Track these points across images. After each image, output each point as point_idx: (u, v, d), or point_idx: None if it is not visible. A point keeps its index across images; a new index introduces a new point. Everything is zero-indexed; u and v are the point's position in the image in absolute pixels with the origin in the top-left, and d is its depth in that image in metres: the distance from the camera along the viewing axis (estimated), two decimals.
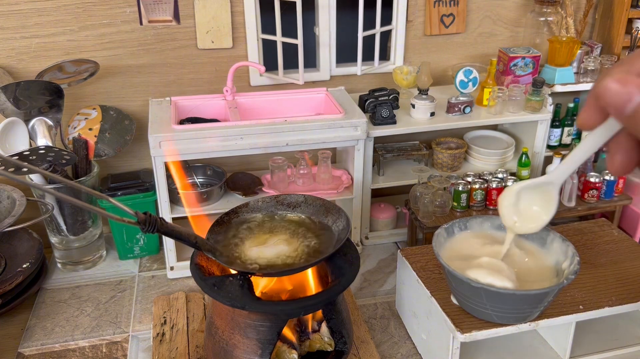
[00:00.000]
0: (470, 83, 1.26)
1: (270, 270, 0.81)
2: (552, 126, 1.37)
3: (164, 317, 1.04)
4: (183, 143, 1.07)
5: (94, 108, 1.22)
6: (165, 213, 1.13)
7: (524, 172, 1.26)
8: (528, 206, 0.65)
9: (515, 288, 0.79)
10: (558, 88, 1.32)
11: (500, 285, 0.78)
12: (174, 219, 1.14)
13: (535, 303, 0.80)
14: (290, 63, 1.29)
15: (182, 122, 1.16)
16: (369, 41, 1.28)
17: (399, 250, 1.01)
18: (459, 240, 0.92)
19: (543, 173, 1.35)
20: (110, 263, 1.25)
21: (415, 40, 1.38)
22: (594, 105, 0.37)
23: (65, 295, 1.14)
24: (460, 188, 1.18)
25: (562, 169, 0.52)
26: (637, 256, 1.01)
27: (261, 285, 0.89)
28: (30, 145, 1.11)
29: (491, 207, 1.20)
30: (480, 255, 0.86)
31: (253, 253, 0.84)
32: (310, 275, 0.92)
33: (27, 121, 1.11)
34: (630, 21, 1.40)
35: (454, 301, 0.87)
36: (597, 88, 0.35)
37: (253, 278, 0.82)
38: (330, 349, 0.89)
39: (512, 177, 1.21)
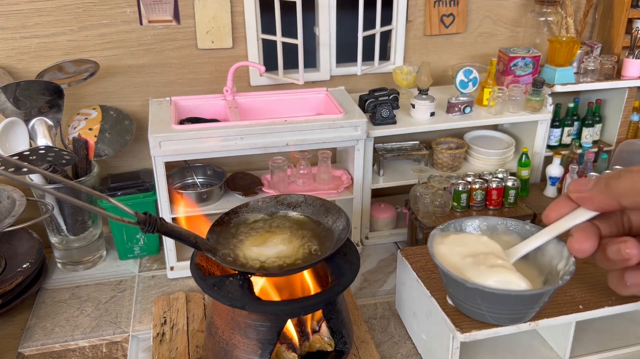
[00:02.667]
0: (470, 83, 1.26)
1: (270, 270, 0.81)
2: (552, 126, 1.37)
3: (164, 317, 1.04)
4: (183, 143, 1.07)
5: (94, 108, 1.22)
6: (165, 213, 1.13)
7: (524, 172, 1.26)
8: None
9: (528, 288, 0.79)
10: (558, 89, 1.32)
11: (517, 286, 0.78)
12: (174, 219, 1.14)
13: (530, 303, 0.80)
14: (290, 63, 1.29)
15: (182, 122, 1.16)
16: (369, 41, 1.28)
17: (399, 250, 1.01)
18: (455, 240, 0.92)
19: (543, 173, 1.35)
20: (110, 263, 1.25)
21: (415, 40, 1.38)
22: (565, 201, 0.46)
23: (65, 295, 1.14)
24: (460, 188, 1.18)
25: (524, 246, 0.56)
26: None
27: (260, 285, 0.89)
28: (30, 145, 1.11)
29: (491, 207, 1.20)
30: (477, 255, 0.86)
31: (253, 253, 0.84)
32: (307, 275, 0.92)
33: (27, 121, 1.11)
34: (630, 21, 1.40)
35: (450, 301, 0.87)
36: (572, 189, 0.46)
37: (253, 278, 0.82)
38: (330, 349, 0.89)
39: (512, 177, 1.21)
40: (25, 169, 0.95)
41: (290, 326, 0.86)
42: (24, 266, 1.09)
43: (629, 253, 0.40)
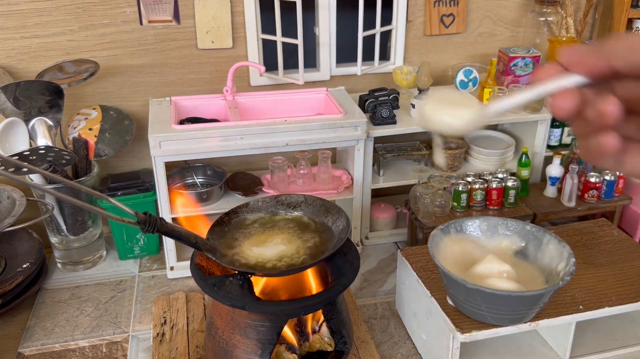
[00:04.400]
0: (470, 83, 1.26)
1: (271, 270, 0.81)
2: (552, 126, 1.36)
3: (164, 317, 1.04)
4: (183, 143, 1.07)
5: (94, 108, 1.22)
6: (165, 213, 1.13)
7: (524, 172, 1.26)
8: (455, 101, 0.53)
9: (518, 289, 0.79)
10: None
11: (506, 287, 0.79)
12: (174, 219, 1.14)
13: (530, 304, 0.80)
14: (290, 63, 1.29)
15: (182, 122, 1.16)
16: (369, 41, 1.28)
17: (399, 250, 1.01)
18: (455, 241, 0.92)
19: (543, 173, 1.35)
20: (110, 263, 1.25)
21: (415, 40, 1.38)
22: (552, 65, 0.40)
23: (65, 295, 1.14)
24: (460, 188, 1.18)
25: (506, 100, 0.45)
26: (637, 256, 1.01)
27: (260, 285, 0.89)
28: (30, 145, 1.11)
29: (491, 207, 1.20)
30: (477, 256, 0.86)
31: (253, 253, 0.84)
32: (307, 275, 0.92)
33: (27, 121, 1.11)
34: (630, 21, 1.40)
35: (450, 302, 0.87)
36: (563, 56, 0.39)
37: (253, 278, 0.82)
38: (330, 349, 0.89)
39: (512, 177, 1.21)
40: (25, 169, 0.95)
41: (287, 330, 0.86)
42: (24, 266, 1.09)
43: (606, 109, 0.37)
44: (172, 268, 1.19)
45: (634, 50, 0.35)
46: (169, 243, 1.16)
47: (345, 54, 1.36)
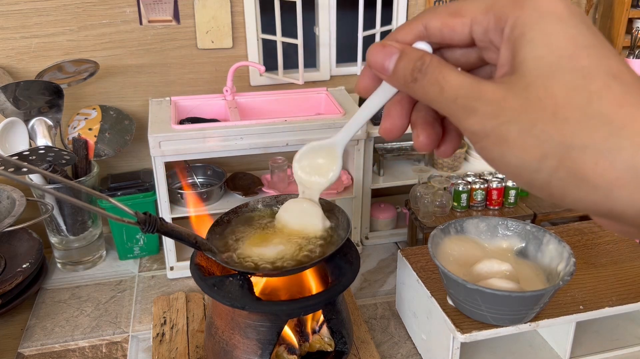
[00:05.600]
0: None
1: (271, 270, 0.81)
2: None
3: (164, 317, 1.04)
4: (183, 143, 1.07)
5: (93, 108, 1.22)
6: (165, 213, 1.13)
7: None
8: (315, 164, 0.64)
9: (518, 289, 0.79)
10: None
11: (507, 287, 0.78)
12: (174, 219, 1.13)
13: (530, 304, 0.80)
14: (290, 63, 1.29)
15: (182, 122, 1.16)
16: (369, 41, 1.28)
17: (399, 250, 1.01)
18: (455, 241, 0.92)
19: None
20: (110, 263, 1.25)
21: None
22: (367, 72, 0.41)
23: (65, 295, 1.14)
24: (460, 188, 1.18)
25: (344, 132, 0.51)
26: (637, 256, 1.01)
27: (260, 285, 0.89)
28: (30, 145, 1.11)
29: (491, 207, 1.20)
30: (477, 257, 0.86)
31: (253, 253, 0.84)
32: (307, 275, 0.92)
33: (26, 121, 1.11)
34: (630, 21, 1.40)
35: (450, 302, 0.87)
36: (367, 54, 0.39)
37: (253, 278, 0.82)
38: (330, 349, 0.89)
39: None
40: (25, 169, 0.95)
41: (287, 330, 0.86)
42: (24, 266, 1.09)
43: (419, 144, 0.41)
44: (172, 268, 1.19)
45: (426, 99, 0.36)
46: (169, 243, 1.16)
47: (345, 54, 1.36)
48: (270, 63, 1.29)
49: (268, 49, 1.30)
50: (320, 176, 0.64)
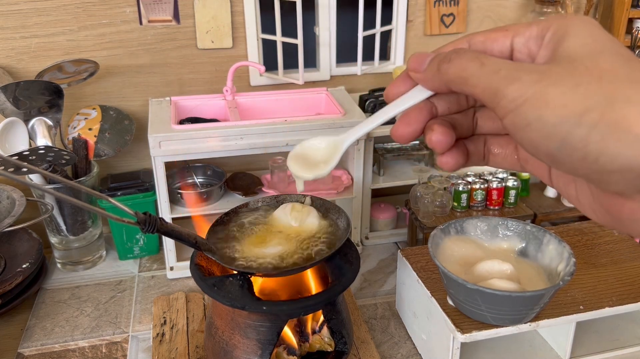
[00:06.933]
0: None
1: (271, 270, 0.81)
2: None
3: (164, 317, 1.04)
4: (183, 143, 1.07)
5: (93, 108, 1.22)
6: (165, 213, 1.12)
7: (525, 172, 1.26)
8: (314, 156, 0.59)
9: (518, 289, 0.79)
10: None
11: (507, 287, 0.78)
12: (174, 219, 1.13)
13: (531, 304, 0.80)
14: (290, 63, 1.29)
15: (182, 122, 1.16)
16: (369, 41, 1.28)
17: (399, 250, 1.01)
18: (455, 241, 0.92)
19: None
20: (110, 263, 1.25)
21: (416, 40, 1.38)
22: (400, 79, 0.42)
23: (65, 295, 1.14)
24: (460, 188, 1.18)
25: (356, 129, 0.47)
26: (637, 256, 1.01)
27: (260, 285, 0.88)
28: (30, 145, 1.11)
29: (491, 207, 1.20)
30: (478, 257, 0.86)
31: (253, 253, 0.84)
32: (308, 275, 0.92)
33: (26, 121, 1.11)
34: (630, 21, 1.40)
35: (450, 302, 0.87)
36: (407, 62, 0.41)
37: (253, 278, 0.82)
38: (330, 349, 0.89)
39: (513, 177, 1.21)
40: (25, 169, 0.95)
41: (286, 330, 0.86)
42: (24, 266, 1.08)
43: (431, 140, 0.40)
44: (172, 268, 1.19)
45: (464, 82, 0.36)
46: (168, 243, 1.16)
47: (345, 54, 1.36)
48: (270, 64, 1.29)
49: (268, 49, 1.30)
50: (318, 168, 0.58)
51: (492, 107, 0.34)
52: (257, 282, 0.87)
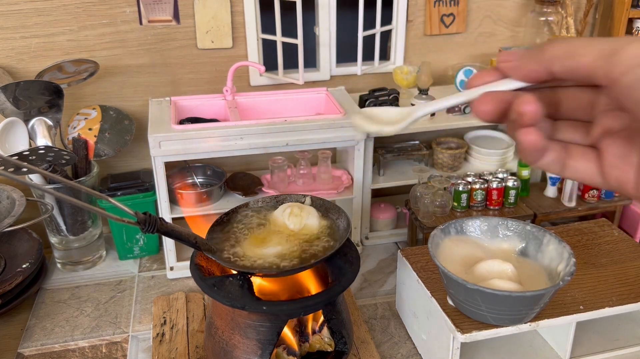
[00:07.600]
0: None
1: (271, 270, 0.81)
2: None
3: (164, 317, 1.04)
4: (183, 143, 1.07)
5: (93, 108, 1.22)
6: (165, 213, 1.12)
7: (525, 172, 1.26)
8: (382, 117, 0.56)
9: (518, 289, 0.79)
10: None
11: (507, 287, 0.78)
12: (174, 219, 1.13)
13: (531, 304, 0.80)
14: (290, 63, 1.29)
15: (182, 122, 1.16)
16: (369, 41, 1.28)
17: (399, 250, 1.01)
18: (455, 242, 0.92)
19: (544, 172, 1.34)
20: (110, 263, 1.25)
21: (416, 40, 1.38)
22: (487, 70, 0.40)
23: (65, 295, 1.14)
24: (460, 188, 1.18)
25: (434, 102, 0.46)
26: (637, 256, 1.01)
27: (260, 285, 0.88)
28: (30, 145, 1.11)
29: (491, 207, 1.20)
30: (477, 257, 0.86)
31: (253, 253, 0.84)
32: (308, 275, 0.92)
33: (26, 121, 1.11)
34: (630, 21, 1.40)
35: (450, 302, 0.87)
36: (497, 61, 0.40)
37: (253, 278, 0.82)
38: (330, 349, 0.89)
39: (513, 177, 1.21)
40: (25, 169, 0.95)
41: (286, 330, 0.86)
42: (24, 266, 1.08)
43: (524, 109, 0.37)
44: (172, 268, 1.18)
45: (571, 55, 0.35)
46: (168, 243, 1.16)
47: (345, 54, 1.35)
48: (270, 64, 1.29)
49: (268, 49, 1.30)
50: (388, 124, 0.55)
51: (605, 71, 0.33)
52: (257, 282, 0.87)
